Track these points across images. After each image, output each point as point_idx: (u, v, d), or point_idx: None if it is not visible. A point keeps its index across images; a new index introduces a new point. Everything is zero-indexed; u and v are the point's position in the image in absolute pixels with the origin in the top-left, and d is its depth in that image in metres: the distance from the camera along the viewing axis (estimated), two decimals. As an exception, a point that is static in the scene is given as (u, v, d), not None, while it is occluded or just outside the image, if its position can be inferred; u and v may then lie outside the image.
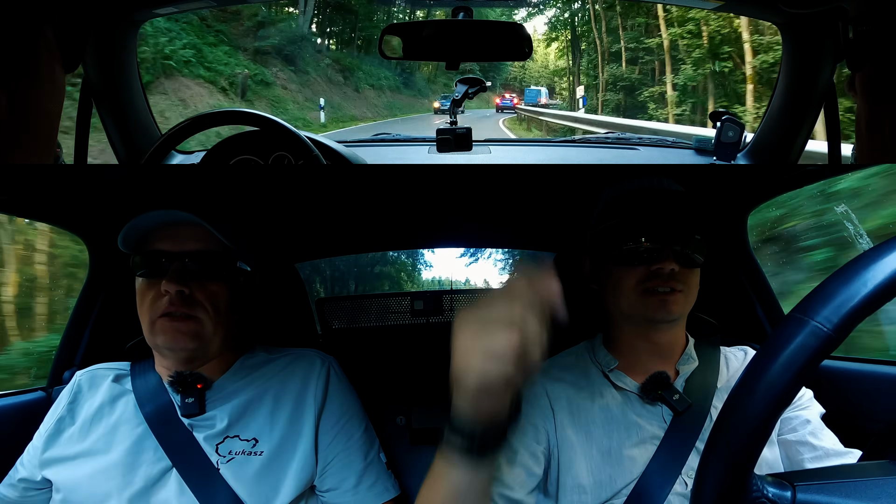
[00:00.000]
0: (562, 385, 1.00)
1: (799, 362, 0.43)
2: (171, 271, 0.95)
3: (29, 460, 1.00)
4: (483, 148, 1.63)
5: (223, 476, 0.93)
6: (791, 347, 0.43)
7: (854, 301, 0.42)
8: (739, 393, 0.47)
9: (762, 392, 0.44)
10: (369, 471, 1.01)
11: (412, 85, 34.99)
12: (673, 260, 0.94)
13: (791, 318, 0.45)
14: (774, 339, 0.45)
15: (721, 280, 1.42)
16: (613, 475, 0.91)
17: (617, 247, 0.98)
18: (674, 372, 1.00)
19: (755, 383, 0.45)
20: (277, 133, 1.25)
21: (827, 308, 0.43)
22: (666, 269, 0.94)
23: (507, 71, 47.02)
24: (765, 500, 0.48)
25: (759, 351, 0.47)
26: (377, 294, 1.93)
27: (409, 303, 1.76)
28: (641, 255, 0.96)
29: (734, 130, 1.47)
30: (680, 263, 0.95)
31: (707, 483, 0.48)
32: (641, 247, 0.96)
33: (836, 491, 0.48)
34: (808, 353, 0.43)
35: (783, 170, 1.33)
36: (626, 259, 0.97)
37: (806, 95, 1.36)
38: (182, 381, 0.98)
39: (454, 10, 1.32)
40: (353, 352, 1.47)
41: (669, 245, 0.95)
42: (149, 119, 1.62)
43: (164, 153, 1.29)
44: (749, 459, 0.46)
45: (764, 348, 0.46)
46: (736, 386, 0.47)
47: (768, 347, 0.46)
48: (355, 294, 5.68)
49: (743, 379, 0.47)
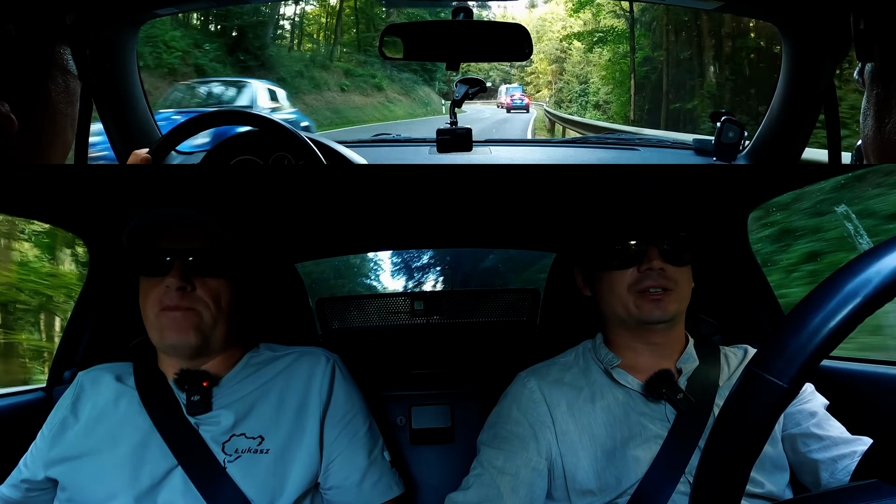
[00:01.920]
0: (561, 389, 1.00)
1: (759, 417, 0.44)
2: (173, 268, 0.95)
3: (32, 460, 1.00)
4: (483, 148, 1.63)
5: (230, 474, 0.93)
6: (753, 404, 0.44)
7: (806, 353, 0.42)
8: (713, 445, 0.47)
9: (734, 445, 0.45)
10: (373, 468, 1.01)
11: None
12: (661, 258, 0.95)
13: (749, 373, 0.46)
14: (735, 398, 0.46)
15: (721, 280, 1.43)
16: (619, 476, 0.91)
17: (604, 251, 0.99)
18: (676, 371, 1.00)
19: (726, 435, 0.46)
20: (277, 133, 1.25)
21: (779, 362, 0.43)
22: (655, 267, 0.94)
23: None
24: None
25: (722, 409, 0.47)
26: (377, 294, 1.93)
27: (409, 303, 1.76)
28: (629, 256, 0.97)
29: (734, 131, 1.47)
30: (668, 261, 0.95)
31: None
32: (628, 249, 0.97)
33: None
34: (767, 409, 0.44)
35: (783, 170, 1.33)
36: (615, 262, 0.98)
37: (806, 95, 1.36)
38: (188, 378, 0.99)
39: (454, 10, 1.32)
40: (353, 352, 1.47)
41: (655, 244, 0.96)
42: (149, 119, 1.62)
43: (164, 153, 1.29)
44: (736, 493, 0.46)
45: (726, 406, 0.47)
46: (708, 440, 0.48)
47: (729, 405, 0.46)
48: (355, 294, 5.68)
49: (712, 433, 0.48)
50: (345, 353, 1.14)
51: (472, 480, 0.94)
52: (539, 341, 1.54)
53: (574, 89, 27.44)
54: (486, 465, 0.95)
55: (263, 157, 1.30)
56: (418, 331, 1.74)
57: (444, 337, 1.71)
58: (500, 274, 5.78)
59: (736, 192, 1.33)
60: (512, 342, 1.58)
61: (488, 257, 5.66)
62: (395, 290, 6.63)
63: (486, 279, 5.70)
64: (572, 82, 28.47)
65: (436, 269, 6.01)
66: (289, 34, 19.51)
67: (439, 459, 1.43)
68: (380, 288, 6.93)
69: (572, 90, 27.80)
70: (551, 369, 1.05)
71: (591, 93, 23.57)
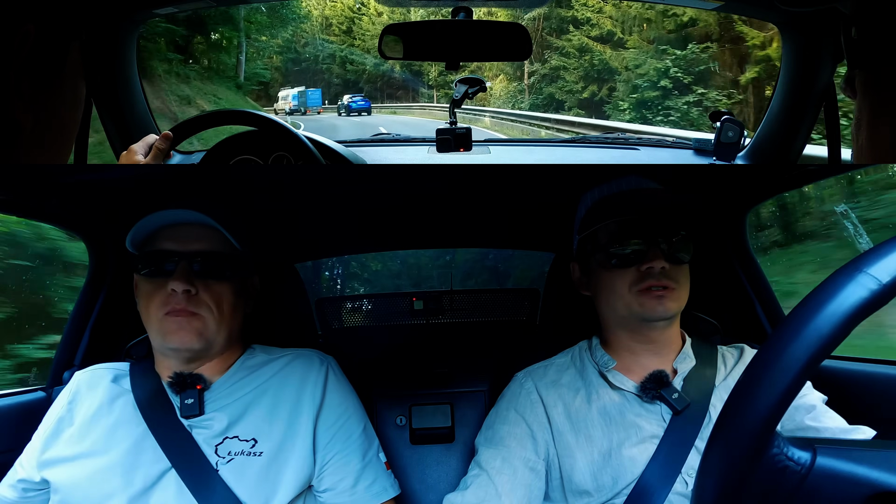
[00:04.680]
0: (557, 390, 1.00)
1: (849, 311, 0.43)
2: (178, 270, 0.95)
3: (28, 461, 1.00)
4: (483, 148, 1.63)
5: (222, 477, 0.93)
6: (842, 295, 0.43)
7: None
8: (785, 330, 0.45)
9: (808, 336, 0.44)
10: (367, 470, 1.01)
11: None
12: (662, 258, 0.95)
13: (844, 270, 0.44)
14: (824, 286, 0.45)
15: (721, 280, 1.43)
16: (615, 476, 0.91)
17: (605, 251, 0.99)
18: (671, 371, 1.00)
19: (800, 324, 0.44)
20: (276, 133, 1.25)
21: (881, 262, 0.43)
22: (656, 267, 0.94)
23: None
24: (784, 459, 0.47)
25: (809, 295, 0.46)
26: (377, 294, 1.93)
27: (409, 303, 1.76)
28: (630, 256, 0.97)
29: (734, 130, 1.47)
30: (669, 261, 0.96)
31: (731, 428, 0.46)
32: (629, 249, 0.97)
33: (856, 458, 0.47)
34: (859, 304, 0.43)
35: (783, 170, 1.33)
36: (616, 262, 0.98)
37: (806, 95, 1.36)
38: (181, 381, 0.99)
39: (454, 10, 1.32)
40: (353, 352, 1.47)
41: (656, 244, 0.96)
42: (149, 119, 1.61)
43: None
44: (784, 404, 0.44)
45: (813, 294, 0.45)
46: (778, 328, 0.46)
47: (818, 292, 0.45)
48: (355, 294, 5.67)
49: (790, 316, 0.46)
50: (345, 352, 1.14)
51: (470, 481, 0.94)
52: (539, 341, 1.55)
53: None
54: (484, 465, 0.95)
55: (263, 156, 1.30)
56: (418, 330, 1.74)
57: (444, 337, 1.71)
58: (500, 273, 5.78)
59: (735, 192, 1.33)
60: (512, 342, 1.58)
61: (488, 257, 5.66)
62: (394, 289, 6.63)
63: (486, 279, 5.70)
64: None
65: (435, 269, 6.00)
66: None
67: (439, 459, 1.43)
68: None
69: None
70: (548, 370, 1.05)
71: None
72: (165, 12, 1.60)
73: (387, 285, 6.16)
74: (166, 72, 13.32)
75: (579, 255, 1.08)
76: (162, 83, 12.71)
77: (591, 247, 1.03)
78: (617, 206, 1.01)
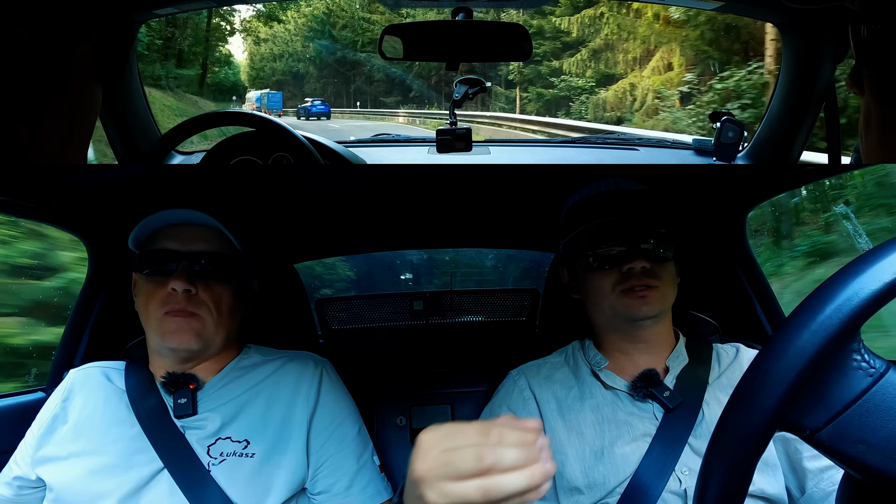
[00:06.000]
0: (550, 387, 1.01)
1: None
2: (178, 270, 0.95)
3: (22, 458, 1.00)
4: (482, 148, 1.63)
5: (214, 477, 0.92)
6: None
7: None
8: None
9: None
10: (362, 473, 1.01)
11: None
12: (643, 258, 0.95)
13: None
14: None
15: (720, 280, 1.43)
16: (607, 474, 0.92)
17: (587, 254, 1.00)
18: (664, 369, 1.00)
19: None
20: (276, 134, 1.25)
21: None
22: (637, 267, 0.95)
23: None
24: (860, 360, 0.46)
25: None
26: (377, 294, 1.93)
27: (409, 303, 1.76)
28: (611, 258, 0.97)
29: (734, 131, 1.47)
30: (650, 260, 0.96)
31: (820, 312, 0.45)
32: (611, 250, 0.97)
33: None
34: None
35: (783, 170, 1.33)
36: (598, 265, 0.98)
37: (806, 95, 1.36)
38: (174, 381, 0.99)
39: (454, 10, 1.32)
40: (352, 352, 1.47)
41: (637, 244, 0.96)
42: (149, 119, 1.61)
43: (164, 153, 1.29)
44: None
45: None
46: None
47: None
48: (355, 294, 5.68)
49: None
50: (344, 353, 1.14)
51: None
52: (539, 341, 1.55)
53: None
54: None
55: (263, 157, 1.30)
56: (418, 331, 1.74)
57: (443, 337, 1.71)
58: (500, 272, 5.77)
59: (735, 192, 1.33)
60: (512, 342, 1.58)
61: (488, 257, 5.65)
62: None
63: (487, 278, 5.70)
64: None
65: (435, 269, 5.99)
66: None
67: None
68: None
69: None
70: (542, 367, 1.06)
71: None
72: (165, 12, 1.60)
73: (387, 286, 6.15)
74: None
75: (565, 259, 1.08)
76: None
77: (574, 250, 1.03)
78: (594, 209, 1.01)
